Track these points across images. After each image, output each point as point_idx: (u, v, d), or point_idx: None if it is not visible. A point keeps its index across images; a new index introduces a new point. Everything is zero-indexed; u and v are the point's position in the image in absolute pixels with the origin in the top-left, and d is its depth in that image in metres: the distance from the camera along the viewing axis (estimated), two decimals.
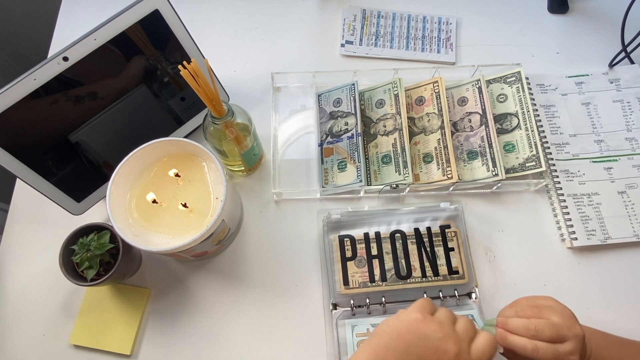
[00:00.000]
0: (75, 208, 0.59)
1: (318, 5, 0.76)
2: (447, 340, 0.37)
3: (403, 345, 0.37)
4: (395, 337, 0.38)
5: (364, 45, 0.73)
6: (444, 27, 0.74)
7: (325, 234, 0.60)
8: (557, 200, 0.62)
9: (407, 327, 0.38)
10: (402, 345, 0.37)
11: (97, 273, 0.52)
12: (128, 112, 0.58)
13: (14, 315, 0.58)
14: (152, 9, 0.52)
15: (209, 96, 0.49)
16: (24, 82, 0.47)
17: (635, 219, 0.61)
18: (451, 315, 0.40)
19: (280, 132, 0.67)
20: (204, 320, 0.58)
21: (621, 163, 0.64)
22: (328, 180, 0.63)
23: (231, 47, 0.73)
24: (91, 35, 0.49)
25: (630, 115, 0.67)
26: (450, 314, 0.40)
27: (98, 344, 0.56)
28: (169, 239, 0.51)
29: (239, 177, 0.65)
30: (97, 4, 0.75)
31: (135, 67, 0.54)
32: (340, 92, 0.67)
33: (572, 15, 0.75)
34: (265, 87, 0.69)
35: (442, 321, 0.38)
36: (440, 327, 0.38)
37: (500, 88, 0.66)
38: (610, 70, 0.70)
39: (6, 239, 0.62)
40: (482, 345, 0.38)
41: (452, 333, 0.38)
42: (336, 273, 0.57)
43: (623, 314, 0.57)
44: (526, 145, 0.62)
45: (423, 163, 0.63)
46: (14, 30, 0.96)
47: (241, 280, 0.60)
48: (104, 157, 0.59)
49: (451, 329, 0.38)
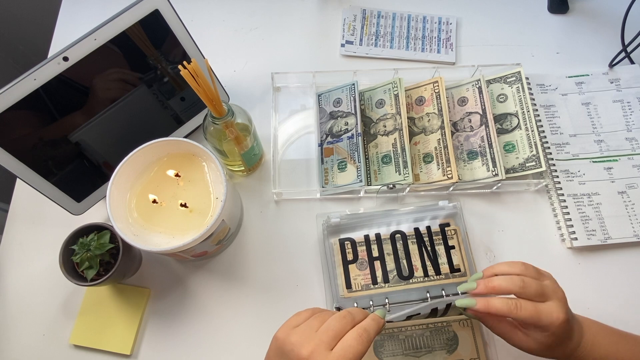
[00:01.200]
0: (75, 208, 0.59)
1: (318, 5, 0.76)
2: (301, 348, 0.36)
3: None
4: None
5: (364, 45, 0.73)
6: (444, 27, 0.74)
7: (326, 238, 0.60)
8: (557, 200, 0.62)
9: (273, 350, 0.39)
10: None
11: (97, 273, 0.52)
12: (128, 112, 0.58)
13: (14, 315, 0.58)
14: (152, 9, 0.52)
15: (209, 96, 0.49)
16: (24, 82, 0.47)
17: (635, 219, 0.61)
18: (316, 324, 0.38)
19: (280, 132, 0.67)
20: (204, 320, 0.58)
21: (621, 163, 0.64)
22: (328, 180, 0.63)
23: (231, 47, 0.73)
24: (91, 35, 0.49)
25: (630, 115, 0.67)
26: (315, 322, 0.39)
27: (98, 344, 0.56)
28: (169, 239, 0.51)
29: (239, 177, 0.65)
30: (97, 4, 0.75)
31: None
32: (340, 92, 0.67)
33: (572, 15, 0.75)
34: (265, 87, 0.69)
35: (302, 331, 0.38)
36: (298, 338, 0.37)
37: (500, 88, 0.66)
38: (610, 70, 0.70)
39: (6, 239, 0.62)
40: (345, 342, 0.37)
41: (309, 339, 0.37)
42: (338, 277, 0.57)
43: (623, 314, 0.57)
44: (526, 145, 0.62)
45: (423, 163, 0.63)
46: (14, 30, 0.96)
47: (241, 280, 0.60)
48: (104, 157, 0.59)
49: (309, 335, 0.37)
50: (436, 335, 0.55)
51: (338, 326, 0.37)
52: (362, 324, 0.38)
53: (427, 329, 0.56)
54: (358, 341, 0.37)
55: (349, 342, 0.36)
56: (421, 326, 0.56)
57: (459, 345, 0.55)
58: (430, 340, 0.55)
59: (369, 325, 0.38)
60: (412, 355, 0.55)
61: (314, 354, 0.35)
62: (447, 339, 0.55)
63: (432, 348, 0.55)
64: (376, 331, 0.39)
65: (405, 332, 0.56)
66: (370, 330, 0.38)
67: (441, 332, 0.56)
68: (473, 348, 0.55)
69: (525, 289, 0.42)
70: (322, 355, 0.35)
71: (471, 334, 0.55)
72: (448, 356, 0.55)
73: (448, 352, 0.55)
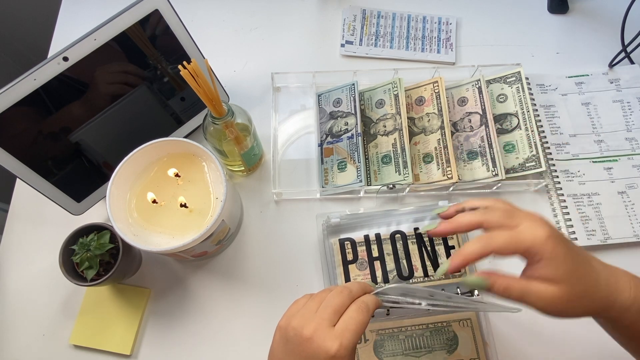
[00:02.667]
0: (75, 208, 0.59)
1: (318, 5, 0.76)
2: (303, 329, 0.36)
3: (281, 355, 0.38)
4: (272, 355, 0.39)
5: (364, 45, 0.73)
6: (444, 27, 0.74)
7: (326, 238, 0.60)
8: (557, 201, 0.62)
9: (277, 340, 0.39)
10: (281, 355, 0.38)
11: (97, 273, 0.52)
12: (128, 112, 0.58)
13: (14, 315, 0.58)
14: (152, 9, 0.52)
15: (209, 96, 0.49)
16: (24, 82, 0.47)
17: (635, 219, 0.61)
18: (314, 305, 0.38)
19: (280, 132, 0.67)
20: (204, 320, 0.58)
21: (621, 163, 0.64)
22: (328, 181, 0.63)
23: (231, 47, 0.73)
24: (91, 35, 0.49)
25: (630, 115, 0.67)
26: (313, 303, 0.39)
27: (98, 344, 0.56)
28: (169, 239, 0.51)
29: (239, 177, 0.65)
30: (97, 4, 0.75)
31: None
32: (340, 92, 0.67)
33: (572, 15, 0.75)
34: (265, 87, 0.69)
35: (302, 314, 0.38)
36: (299, 321, 0.37)
37: (500, 88, 0.66)
38: (610, 70, 0.70)
39: (6, 239, 0.62)
40: (346, 315, 0.37)
41: (310, 320, 0.37)
42: (338, 277, 0.57)
43: None
44: (526, 146, 0.62)
45: (423, 163, 0.63)
46: (14, 31, 0.96)
47: (241, 280, 0.60)
48: (104, 157, 0.59)
49: (309, 316, 0.37)
50: (436, 335, 0.56)
51: (336, 302, 0.38)
52: (362, 298, 0.39)
53: (427, 329, 0.56)
54: (358, 312, 0.37)
55: (350, 314, 0.37)
56: (421, 326, 0.56)
57: (459, 345, 0.55)
58: (430, 340, 0.55)
59: (367, 299, 0.39)
60: (412, 355, 0.55)
61: (317, 332, 0.35)
62: (447, 339, 0.55)
63: (432, 348, 0.55)
64: (375, 304, 0.39)
65: (405, 332, 0.56)
66: (369, 302, 0.38)
67: (441, 332, 0.56)
68: (473, 348, 0.55)
69: (488, 214, 0.37)
70: (324, 332, 0.35)
71: (471, 334, 0.55)
72: (448, 356, 0.55)
73: (448, 352, 0.55)
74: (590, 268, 0.37)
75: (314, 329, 0.36)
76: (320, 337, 0.35)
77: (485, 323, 0.56)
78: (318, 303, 0.38)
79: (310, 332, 0.35)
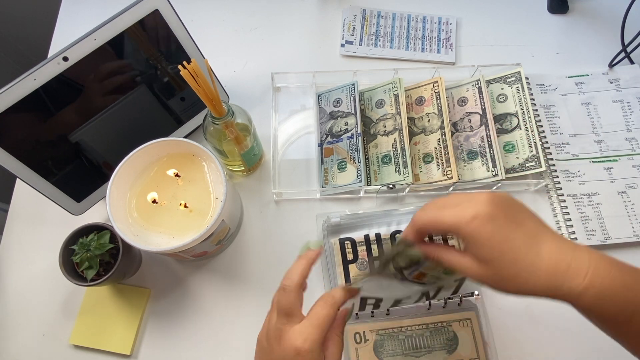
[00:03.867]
0: (75, 208, 0.59)
1: (318, 5, 0.76)
2: (274, 333, 0.39)
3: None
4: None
5: (364, 45, 0.73)
6: (444, 27, 0.74)
7: (326, 238, 0.60)
8: (557, 201, 0.63)
9: (257, 356, 0.41)
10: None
11: (97, 273, 0.52)
12: (128, 112, 0.58)
13: (14, 315, 0.58)
14: (152, 9, 0.52)
15: (208, 96, 0.49)
16: (24, 82, 0.47)
17: (635, 219, 0.61)
18: (273, 312, 0.41)
19: (280, 132, 0.67)
20: (204, 320, 0.58)
21: (621, 163, 0.64)
22: (328, 181, 0.63)
23: (231, 47, 0.73)
24: (91, 35, 0.49)
25: (630, 115, 0.67)
26: (272, 310, 0.41)
27: (98, 344, 0.56)
28: (169, 239, 0.51)
29: (239, 177, 0.65)
30: (97, 4, 0.75)
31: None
32: (340, 92, 0.67)
33: (572, 15, 0.75)
34: (265, 87, 0.69)
35: (272, 322, 0.40)
36: (270, 326, 0.39)
37: (500, 88, 0.66)
38: (610, 70, 0.70)
39: (6, 239, 0.62)
40: (310, 314, 0.38)
41: (279, 325, 0.39)
42: (338, 277, 0.57)
43: None
44: (526, 146, 0.62)
45: (423, 163, 0.63)
46: (14, 31, 0.96)
47: (241, 280, 0.60)
48: (104, 157, 0.59)
49: (268, 321, 0.41)
50: (436, 335, 0.55)
51: (283, 302, 0.39)
52: (329, 291, 0.40)
53: (427, 329, 0.56)
54: (322, 307, 0.38)
55: (314, 310, 0.39)
56: (421, 326, 0.56)
57: (459, 345, 0.55)
58: (430, 340, 0.55)
59: (334, 291, 0.40)
60: (412, 355, 0.55)
61: (285, 333, 0.38)
62: (447, 339, 0.55)
63: (432, 348, 0.55)
64: (342, 296, 0.40)
65: (405, 332, 0.56)
66: (335, 295, 0.40)
67: (441, 332, 0.56)
68: (473, 348, 0.55)
69: (439, 202, 0.37)
70: (290, 331, 0.37)
71: (471, 334, 0.55)
72: (448, 356, 0.55)
73: (448, 352, 0.55)
74: (527, 253, 0.34)
75: (282, 331, 0.38)
76: (287, 336, 0.37)
77: (485, 323, 0.56)
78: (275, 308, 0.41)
79: (280, 334, 0.38)
